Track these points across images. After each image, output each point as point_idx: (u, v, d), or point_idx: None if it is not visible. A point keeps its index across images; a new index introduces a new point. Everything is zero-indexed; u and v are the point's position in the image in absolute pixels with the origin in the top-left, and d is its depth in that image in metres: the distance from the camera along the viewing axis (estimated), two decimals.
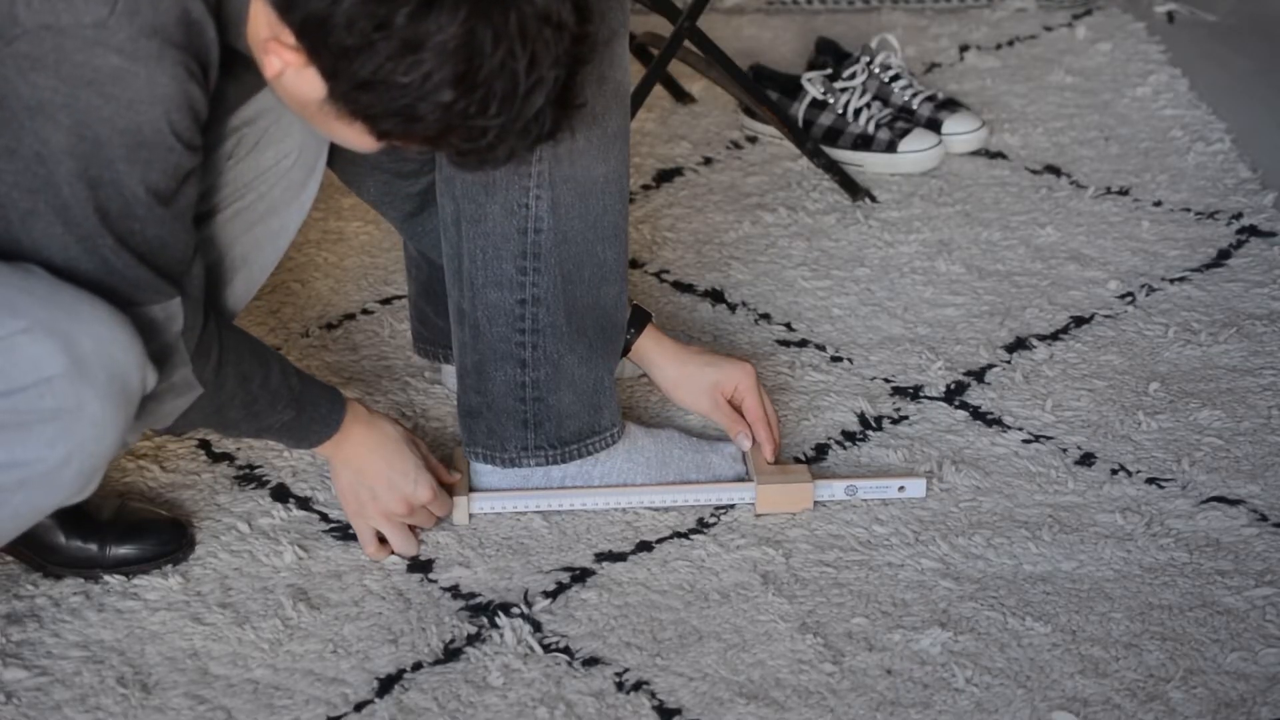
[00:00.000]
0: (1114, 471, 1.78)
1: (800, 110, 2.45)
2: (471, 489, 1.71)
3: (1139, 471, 1.78)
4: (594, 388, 1.69)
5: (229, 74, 1.40)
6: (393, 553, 1.66)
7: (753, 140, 2.52)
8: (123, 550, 1.63)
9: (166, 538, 1.65)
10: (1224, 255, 2.19)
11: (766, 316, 2.08)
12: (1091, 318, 2.06)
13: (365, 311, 2.09)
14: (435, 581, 1.63)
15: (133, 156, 1.31)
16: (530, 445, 1.68)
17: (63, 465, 1.31)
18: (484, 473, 1.71)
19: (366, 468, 1.62)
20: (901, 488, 1.73)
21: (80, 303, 1.31)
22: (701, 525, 1.70)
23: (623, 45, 1.59)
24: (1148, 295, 2.10)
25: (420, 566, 1.65)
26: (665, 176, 2.42)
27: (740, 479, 1.74)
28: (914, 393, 1.92)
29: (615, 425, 1.72)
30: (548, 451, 1.69)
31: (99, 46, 1.27)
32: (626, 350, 1.73)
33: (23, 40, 1.26)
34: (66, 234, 1.33)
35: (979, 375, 1.95)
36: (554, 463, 1.69)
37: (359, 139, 1.35)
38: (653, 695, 1.49)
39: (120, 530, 1.63)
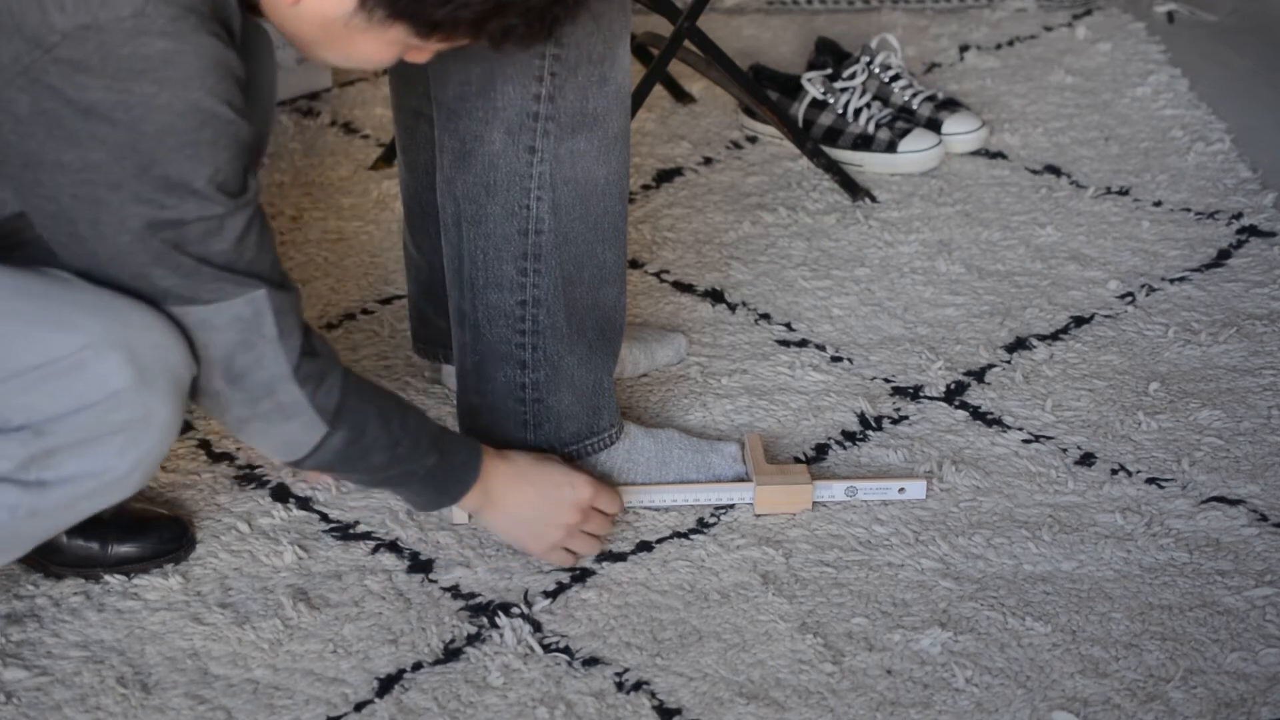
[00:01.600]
0: (1114, 471, 1.78)
1: (800, 110, 2.45)
2: None
3: (1139, 471, 1.78)
4: (593, 389, 1.69)
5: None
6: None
7: (753, 140, 2.52)
8: (124, 548, 1.62)
9: (168, 535, 1.65)
10: (1224, 255, 2.19)
11: (766, 316, 2.08)
12: (1091, 318, 2.06)
13: (365, 311, 2.09)
14: (435, 582, 1.63)
15: (196, 139, 1.27)
16: (530, 446, 1.68)
17: (131, 471, 1.35)
18: None
19: (521, 500, 1.60)
20: (902, 489, 1.73)
21: (131, 310, 1.31)
22: (701, 525, 1.70)
23: (624, 48, 1.59)
24: (1148, 295, 2.10)
25: (420, 567, 1.65)
26: (665, 176, 2.42)
27: (740, 479, 1.74)
28: (914, 393, 1.92)
29: (614, 426, 1.72)
30: (546, 452, 1.69)
31: (143, 35, 1.24)
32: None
33: (63, 45, 1.23)
34: (138, 238, 1.29)
35: (979, 375, 1.95)
36: None
37: (384, 49, 1.33)
38: (653, 695, 1.49)
39: (121, 528, 1.63)
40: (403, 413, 1.49)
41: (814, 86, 2.44)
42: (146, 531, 1.64)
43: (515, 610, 1.59)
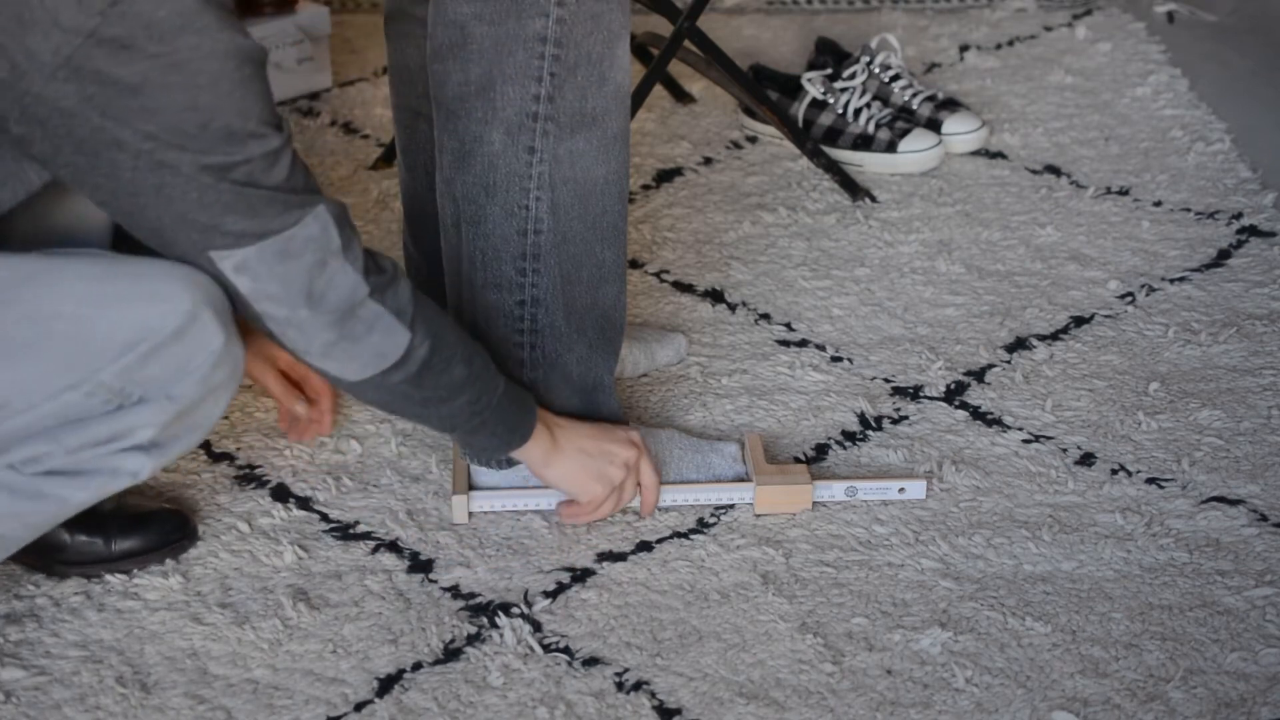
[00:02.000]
0: (1114, 471, 1.78)
1: (800, 110, 2.45)
2: (471, 488, 1.71)
3: (1139, 471, 1.78)
4: (593, 387, 1.69)
5: None
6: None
7: (753, 140, 2.52)
8: (127, 543, 1.63)
9: (169, 527, 1.65)
10: (1224, 255, 2.19)
11: (766, 316, 2.08)
12: (1091, 318, 2.06)
13: None
14: (435, 582, 1.63)
15: (242, 78, 1.30)
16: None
17: (220, 415, 1.48)
18: (484, 473, 1.71)
19: (583, 435, 1.64)
20: (902, 489, 1.73)
21: (194, 272, 1.38)
22: (701, 525, 1.70)
23: (624, 47, 1.59)
24: (1148, 295, 2.10)
25: (420, 567, 1.65)
26: (665, 176, 2.42)
27: (740, 479, 1.73)
28: (914, 393, 1.92)
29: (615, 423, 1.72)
30: None
31: None
32: None
33: (103, 26, 1.25)
34: (208, 189, 1.32)
35: (979, 375, 1.95)
36: None
37: None
38: (653, 695, 1.49)
39: (123, 522, 1.63)
40: (463, 329, 1.54)
41: (814, 86, 2.44)
42: (148, 525, 1.65)
43: (515, 610, 1.59)
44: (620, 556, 1.66)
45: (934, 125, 2.46)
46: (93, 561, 1.62)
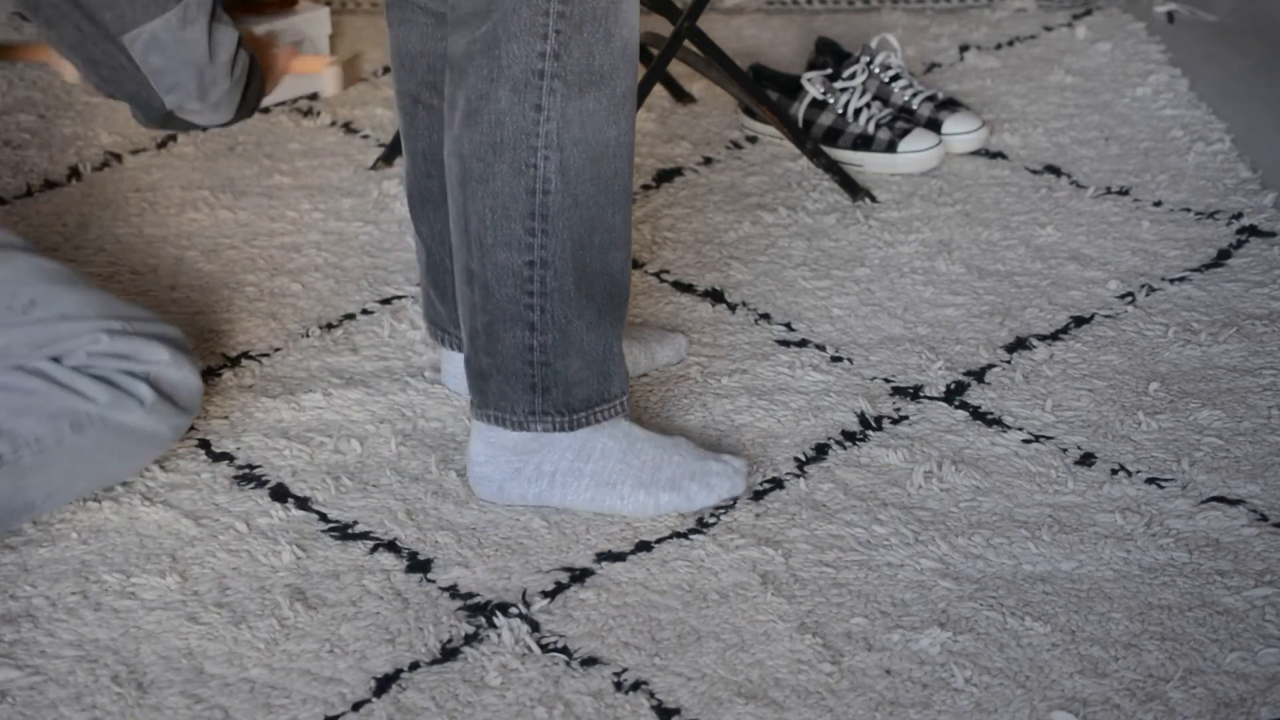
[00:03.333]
0: (1114, 471, 1.78)
1: (800, 110, 2.44)
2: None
3: (1139, 471, 1.77)
4: (603, 354, 1.68)
5: None
6: None
7: (753, 140, 2.52)
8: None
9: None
10: (1224, 255, 2.19)
11: (766, 316, 2.07)
12: (1091, 318, 2.06)
13: (365, 311, 2.09)
14: (433, 581, 1.63)
15: None
16: (538, 410, 1.67)
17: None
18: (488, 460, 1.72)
19: None
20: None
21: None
22: (701, 525, 1.70)
23: (630, 5, 1.59)
24: (1148, 295, 2.10)
25: (418, 566, 1.64)
26: (665, 176, 2.42)
27: (734, 498, 1.72)
28: (914, 393, 1.92)
29: (624, 394, 1.70)
30: (555, 418, 1.68)
31: None
32: None
33: None
34: None
35: (979, 375, 1.95)
36: (561, 429, 1.68)
37: None
38: (651, 695, 1.49)
39: None
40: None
41: (814, 86, 2.44)
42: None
43: (513, 610, 1.59)
44: (619, 556, 1.66)
45: (934, 125, 2.45)
46: None
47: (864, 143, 2.41)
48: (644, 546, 1.67)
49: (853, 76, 2.45)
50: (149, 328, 1.73)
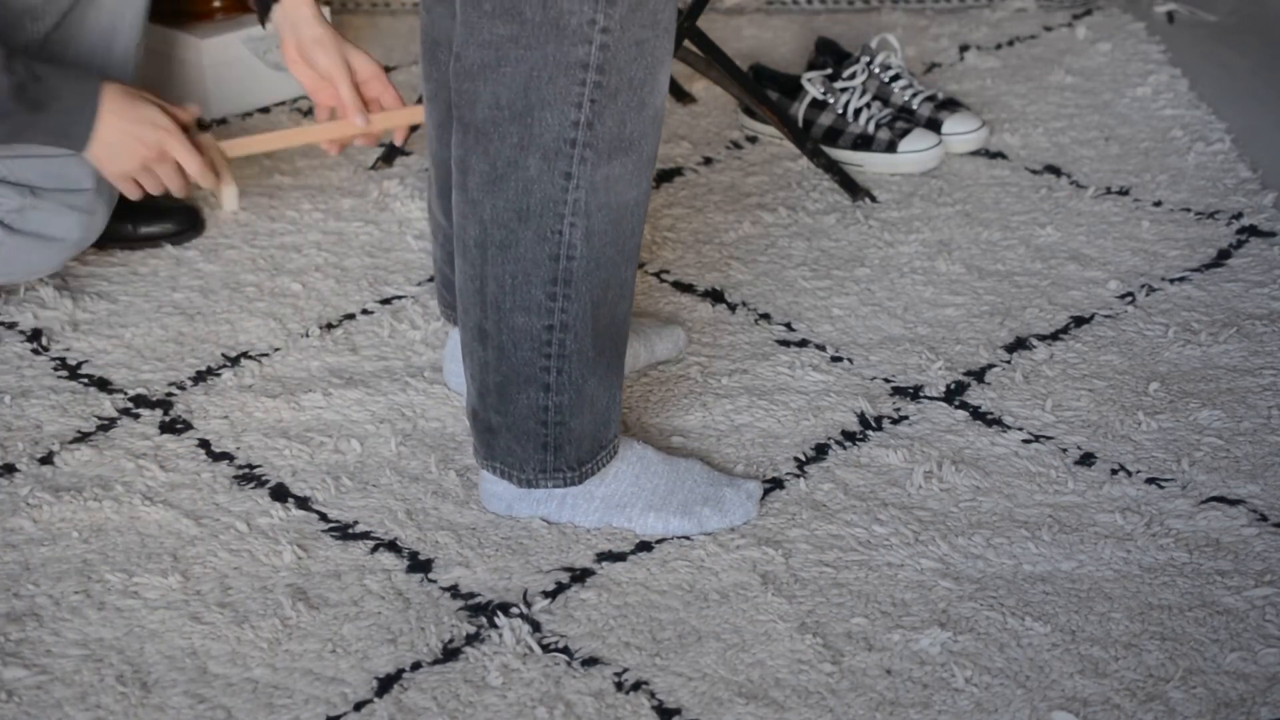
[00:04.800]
0: (1114, 471, 1.78)
1: (800, 110, 2.45)
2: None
3: (1139, 471, 1.78)
4: (608, 404, 1.67)
5: None
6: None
7: (753, 140, 2.52)
8: (150, 229, 2.22)
9: (183, 219, 2.24)
10: (1224, 255, 2.19)
11: (766, 316, 2.08)
12: (1091, 318, 2.06)
13: (365, 312, 2.09)
14: (435, 581, 1.63)
15: None
16: (549, 468, 1.66)
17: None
18: (497, 494, 1.71)
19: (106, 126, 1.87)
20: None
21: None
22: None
23: (665, 74, 1.54)
24: (1148, 295, 2.10)
25: (419, 566, 1.65)
26: (665, 176, 2.42)
27: (748, 520, 1.72)
28: (914, 393, 1.92)
29: (616, 435, 1.70)
30: (565, 474, 1.66)
31: None
32: (266, 15, 1.87)
33: None
34: None
35: (979, 375, 1.95)
36: (570, 484, 1.67)
37: None
38: (652, 695, 1.49)
39: (146, 213, 2.21)
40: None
41: (814, 86, 2.44)
42: (167, 215, 2.21)
43: (514, 610, 1.59)
44: (620, 556, 1.66)
45: (934, 125, 2.46)
46: (119, 240, 2.21)
47: (864, 143, 2.41)
48: (644, 546, 1.67)
49: (853, 76, 2.45)
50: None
